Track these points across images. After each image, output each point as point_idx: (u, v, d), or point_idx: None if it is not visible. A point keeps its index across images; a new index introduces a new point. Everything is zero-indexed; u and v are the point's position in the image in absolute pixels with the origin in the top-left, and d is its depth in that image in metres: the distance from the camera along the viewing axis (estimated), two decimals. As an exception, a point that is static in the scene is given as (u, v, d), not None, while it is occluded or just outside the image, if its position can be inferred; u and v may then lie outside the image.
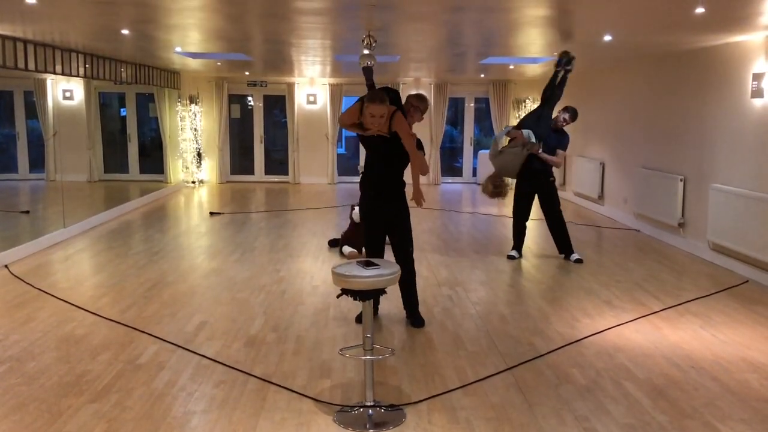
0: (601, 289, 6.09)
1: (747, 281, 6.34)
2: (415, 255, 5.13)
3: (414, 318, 5.06)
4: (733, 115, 6.89)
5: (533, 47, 8.43)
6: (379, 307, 5.23)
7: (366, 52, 6.98)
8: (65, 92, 12.75)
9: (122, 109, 14.70)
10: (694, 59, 7.70)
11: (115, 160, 14.60)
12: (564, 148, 7.22)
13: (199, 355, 4.40)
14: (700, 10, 5.09)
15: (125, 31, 7.13)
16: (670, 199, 8.04)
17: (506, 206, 11.48)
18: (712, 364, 4.28)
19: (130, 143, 14.46)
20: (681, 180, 7.87)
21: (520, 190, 7.29)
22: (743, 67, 6.71)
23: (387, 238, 5.05)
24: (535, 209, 7.45)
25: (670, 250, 7.85)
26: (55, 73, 8.65)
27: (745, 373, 4.14)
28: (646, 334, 4.87)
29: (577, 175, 11.52)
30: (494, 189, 7.33)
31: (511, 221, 7.60)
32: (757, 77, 6.41)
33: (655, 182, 8.51)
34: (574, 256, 7.16)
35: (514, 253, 7.32)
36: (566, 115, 7.19)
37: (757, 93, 6.42)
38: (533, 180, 7.12)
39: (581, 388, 3.90)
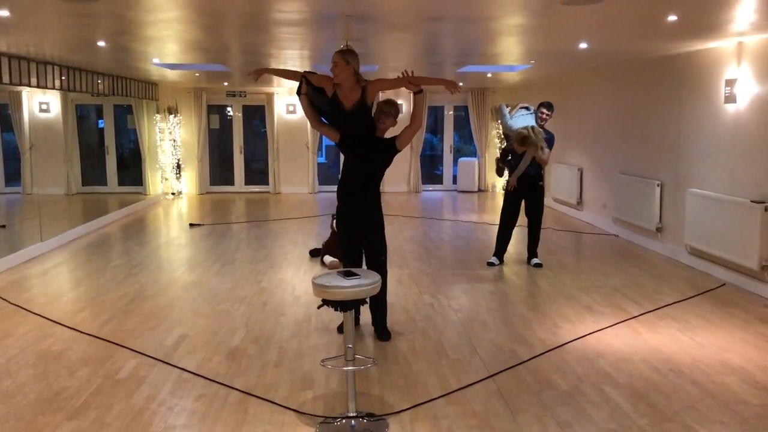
0: (581, 294, 6.14)
1: (724, 284, 6.42)
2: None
3: (381, 332, 4.95)
4: (707, 120, 6.99)
5: (511, 56, 8.51)
6: (360, 316, 5.22)
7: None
8: (41, 105, 12.61)
9: (100, 121, 14.58)
10: (668, 66, 7.81)
11: (93, 173, 14.46)
12: (550, 147, 7.20)
13: (180, 368, 4.36)
14: (672, 17, 5.17)
15: (101, 43, 7.08)
16: (648, 204, 8.13)
17: (487, 213, 11.54)
18: (690, 367, 4.33)
19: (108, 155, 14.33)
20: (658, 185, 7.97)
21: (510, 196, 7.25)
22: (716, 73, 6.82)
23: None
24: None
25: (649, 254, 7.93)
26: (30, 85, 8.55)
27: (723, 375, 4.18)
28: (626, 338, 4.91)
29: (556, 181, 11.62)
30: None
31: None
32: (730, 83, 6.52)
33: (632, 187, 8.60)
34: (535, 261, 7.25)
35: (494, 260, 7.34)
36: (544, 110, 7.07)
37: (730, 98, 6.52)
38: (525, 185, 7.13)
39: (563, 394, 3.92)
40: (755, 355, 4.53)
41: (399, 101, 13.68)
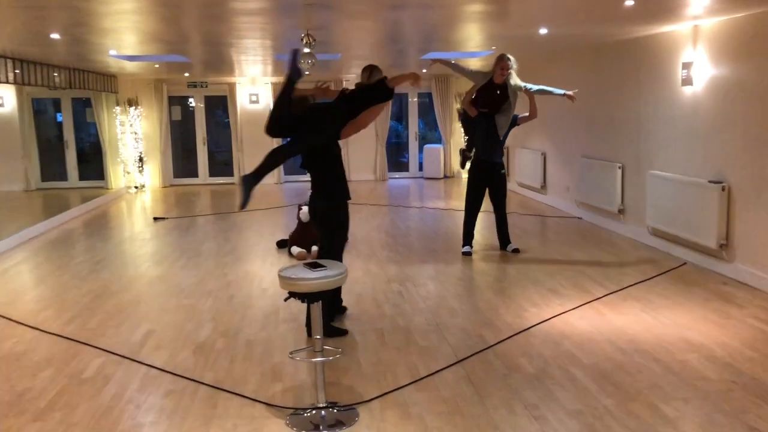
0: (546, 278, 6.22)
1: (685, 263, 6.57)
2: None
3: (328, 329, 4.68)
4: (665, 103, 7.12)
5: (472, 42, 8.54)
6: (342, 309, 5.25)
7: (306, 50, 6.96)
8: (-5, 99, 12.32)
9: (58, 115, 14.26)
10: (627, 50, 7.92)
11: (52, 168, 14.16)
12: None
13: (147, 365, 4.31)
14: (629, 2, 5.23)
15: (55, 36, 6.90)
16: (610, 186, 8.26)
17: (453, 199, 11.60)
18: (654, 346, 4.42)
19: (68, 150, 14.04)
20: (620, 168, 8.09)
21: (474, 182, 7.23)
22: (673, 56, 6.94)
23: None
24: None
25: (612, 236, 8.07)
26: (-18, 80, 8.32)
27: (685, 353, 4.29)
28: (590, 320, 4.99)
29: (520, 166, 11.72)
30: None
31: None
32: (687, 66, 6.63)
33: (595, 170, 8.72)
34: (512, 246, 7.29)
35: (468, 248, 7.25)
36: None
37: (687, 81, 6.64)
38: (487, 172, 7.14)
39: (530, 377, 3.98)
40: (715, 332, 4.65)
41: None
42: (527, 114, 7.26)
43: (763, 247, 5.64)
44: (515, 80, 6.81)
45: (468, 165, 7.52)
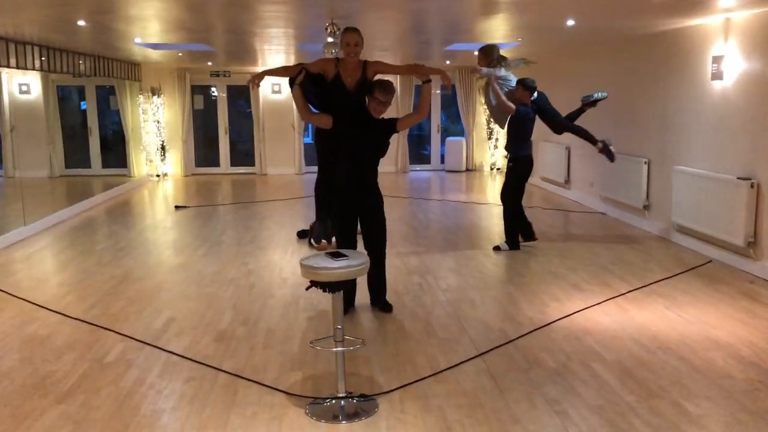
0: (568, 272, 6.15)
1: (710, 261, 6.46)
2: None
3: (383, 304, 5.11)
4: (694, 97, 6.99)
5: (498, 33, 8.45)
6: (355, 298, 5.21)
7: (330, 40, 6.93)
8: (21, 86, 12.42)
9: (82, 103, 14.38)
10: (655, 43, 7.79)
11: (76, 155, 14.29)
12: (545, 107, 7.14)
13: (168, 351, 4.33)
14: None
15: (82, 23, 6.95)
16: (635, 181, 8.15)
17: (474, 192, 11.54)
18: (678, 343, 4.36)
19: (92, 137, 14.16)
20: (645, 163, 7.98)
21: (521, 178, 7.00)
22: (703, 49, 6.81)
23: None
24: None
25: (636, 232, 7.97)
26: (9, 66, 8.39)
27: (709, 351, 4.21)
28: (613, 316, 4.93)
29: (544, 161, 11.61)
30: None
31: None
32: (717, 60, 6.51)
33: (620, 165, 8.60)
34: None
35: (504, 245, 7.04)
36: (528, 93, 6.87)
37: (717, 75, 6.52)
38: (529, 167, 7.02)
39: (551, 372, 3.94)
40: (741, 331, 4.57)
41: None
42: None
43: (792, 246, 5.53)
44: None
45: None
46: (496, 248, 7.05)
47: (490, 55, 7.01)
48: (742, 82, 6.21)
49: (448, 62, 13.26)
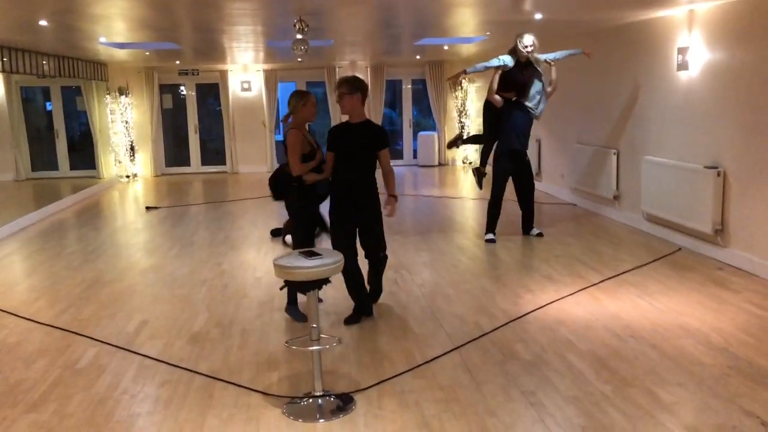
0: (541, 264, 6.21)
1: (680, 249, 6.57)
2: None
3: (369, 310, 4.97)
4: (661, 88, 7.09)
5: (466, 27, 8.48)
6: (326, 296, 5.19)
7: (299, 37, 6.89)
8: (-17, 88, 12.18)
9: (47, 104, 14.12)
10: (622, 35, 7.88)
11: (43, 157, 14.05)
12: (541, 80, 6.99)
13: (141, 355, 4.28)
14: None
15: (43, 23, 6.81)
16: (605, 172, 8.24)
17: (447, 187, 11.58)
18: (650, 332, 4.42)
19: (58, 139, 13.92)
20: (615, 153, 8.08)
21: (503, 173, 7.09)
22: (669, 41, 6.91)
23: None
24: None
25: (607, 222, 8.07)
26: (-30, 68, 8.22)
27: (681, 338, 4.29)
28: (586, 306, 4.99)
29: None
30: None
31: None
32: (682, 51, 6.61)
33: (590, 157, 8.70)
34: (535, 231, 7.33)
35: (491, 236, 7.14)
36: (525, 43, 6.68)
37: (683, 66, 6.61)
38: (516, 162, 7.10)
39: (526, 364, 3.97)
40: (710, 317, 4.65)
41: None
42: (550, 88, 7.09)
43: (758, 233, 5.65)
44: (538, 56, 6.83)
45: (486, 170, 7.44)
46: (540, 234, 7.27)
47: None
48: (707, 73, 6.31)
49: (418, 57, 13.27)
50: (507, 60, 6.79)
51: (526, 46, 6.69)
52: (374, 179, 4.82)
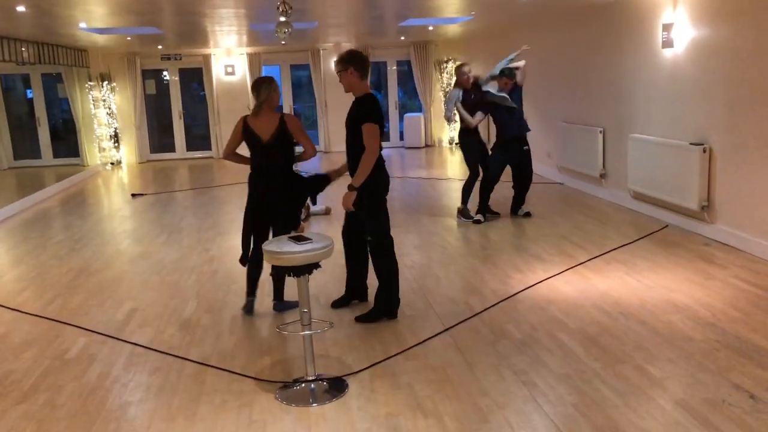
0: (530, 244, 6.23)
1: (667, 226, 6.61)
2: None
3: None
4: (646, 66, 7.09)
5: (451, 7, 8.42)
6: (316, 282, 5.16)
7: (282, 19, 6.82)
8: (-38, 76, 11.99)
9: (28, 91, 13.93)
10: (607, 13, 7.86)
11: (25, 146, 13.88)
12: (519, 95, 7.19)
13: (132, 343, 4.26)
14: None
15: (21, 8, 6.68)
16: (591, 151, 8.26)
17: (435, 168, 11.56)
18: (638, 308, 4.45)
19: (40, 127, 13.75)
20: (600, 132, 8.09)
21: (502, 161, 7.19)
22: (653, 18, 6.89)
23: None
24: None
25: (594, 200, 8.10)
26: (-52, 56, 8.07)
27: (669, 314, 4.32)
28: (575, 284, 5.01)
29: (501, 133, 11.68)
30: None
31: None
32: (667, 27, 6.60)
33: (576, 135, 8.71)
34: (523, 210, 7.39)
35: (480, 217, 7.21)
36: (506, 79, 7.00)
37: (668, 43, 6.61)
38: (516, 150, 7.16)
39: (517, 343, 3.99)
40: (698, 293, 4.69)
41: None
42: (519, 77, 7.19)
43: (744, 208, 5.69)
44: (480, 77, 7.27)
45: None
46: (527, 214, 7.35)
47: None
48: (691, 50, 6.31)
49: (402, 38, 13.19)
50: (456, 94, 7.17)
51: (464, 74, 7.12)
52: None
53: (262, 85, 4.51)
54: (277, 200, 4.53)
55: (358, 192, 4.25)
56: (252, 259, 4.69)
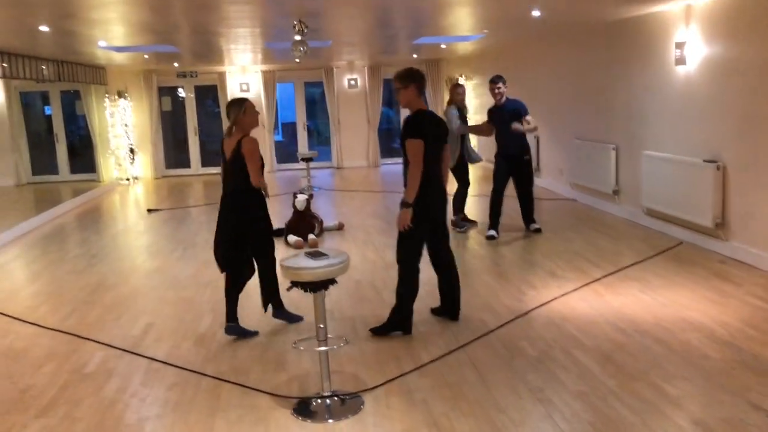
0: (543, 260, 6.23)
1: (681, 243, 6.59)
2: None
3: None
4: (659, 83, 7.11)
5: (463, 26, 8.50)
6: (330, 298, 5.18)
7: (298, 38, 6.91)
8: (-18, 94, 12.18)
9: (47, 108, 14.13)
10: (620, 30, 7.90)
11: (43, 162, 14.05)
12: (523, 114, 7.13)
13: (149, 358, 4.30)
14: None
15: (44, 28, 6.82)
16: (604, 167, 8.26)
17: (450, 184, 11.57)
18: (654, 326, 4.44)
19: (58, 143, 13.93)
20: (614, 149, 8.10)
21: (503, 172, 7.26)
22: (666, 36, 6.92)
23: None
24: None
25: (607, 217, 8.09)
26: (-31, 74, 8.23)
27: (686, 332, 4.31)
28: (590, 301, 5.01)
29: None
30: None
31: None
32: (680, 45, 6.62)
33: (588, 152, 8.72)
34: (534, 226, 7.37)
35: (493, 232, 7.18)
36: (499, 85, 7.06)
37: (681, 61, 6.63)
38: (514, 162, 7.22)
39: (533, 360, 3.99)
40: (713, 310, 4.67)
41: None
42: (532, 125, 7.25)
43: (759, 225, 5.67)
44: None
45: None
46: (538, 230, 7.36)
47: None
48: (704, 67, 6.33)
49: (415, 56, 13.28)
50: (454, 112, 7.42)
51: (459, 94, 7.57)
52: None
53: (232, 108, 4.62)
54: (235, 222, 4.69)
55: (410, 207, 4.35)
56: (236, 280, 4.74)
